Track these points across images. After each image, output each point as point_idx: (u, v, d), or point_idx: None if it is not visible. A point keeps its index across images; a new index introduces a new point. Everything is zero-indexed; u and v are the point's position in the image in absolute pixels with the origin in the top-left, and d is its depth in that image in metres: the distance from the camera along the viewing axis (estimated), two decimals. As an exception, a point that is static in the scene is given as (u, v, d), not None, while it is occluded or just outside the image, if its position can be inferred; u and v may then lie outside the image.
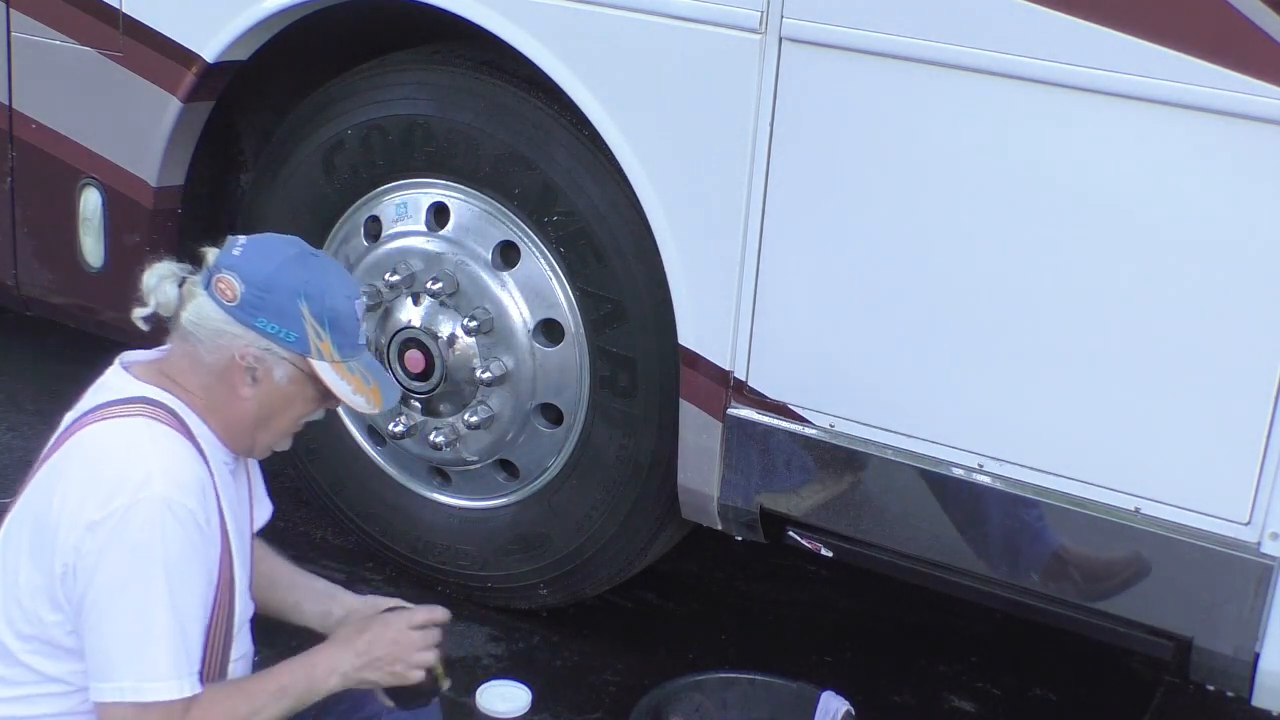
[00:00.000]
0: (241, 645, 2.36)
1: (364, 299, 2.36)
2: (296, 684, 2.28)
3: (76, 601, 2.15)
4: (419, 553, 3.57)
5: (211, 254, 2.29)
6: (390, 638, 2.36)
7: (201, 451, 2.24)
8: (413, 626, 2.39)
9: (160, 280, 2.28)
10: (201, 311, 2.24)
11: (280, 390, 2.28)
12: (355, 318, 2.31)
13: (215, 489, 2.24)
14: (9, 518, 2.27)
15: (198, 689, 2.17)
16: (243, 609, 2.34)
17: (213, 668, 2.26)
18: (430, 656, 2.39)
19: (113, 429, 2.21)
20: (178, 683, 2.14)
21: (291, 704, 2.28)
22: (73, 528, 2.13)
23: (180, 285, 2.27)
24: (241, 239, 2.29)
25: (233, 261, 2.24)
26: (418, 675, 2.37)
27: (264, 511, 2.56)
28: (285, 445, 2.40)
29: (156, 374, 2.29)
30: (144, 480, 2.13)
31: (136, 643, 2.13)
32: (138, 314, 2.31)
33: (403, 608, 2.47)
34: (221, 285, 2.23)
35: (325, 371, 2.27)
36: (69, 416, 2.29)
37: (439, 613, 2.45)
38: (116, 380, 2.30)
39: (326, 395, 2.31)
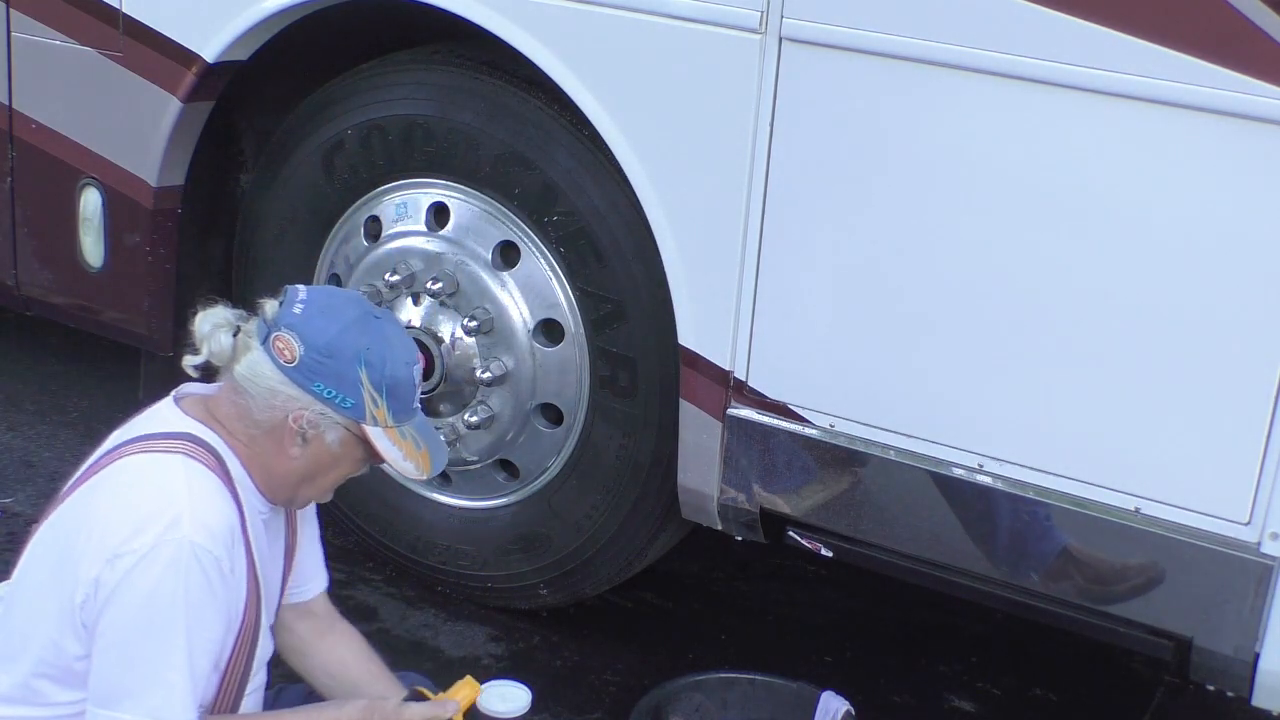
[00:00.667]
0: (256, 680, 2.36)
1: (421, 363, 2.33)
2: None
3: (91, 628, 2.14)
4: (419, 553, 3.57)
5: (270, 306, 2.25)
6: None
7: (237, 497, 2.22)
8: None
9: (214, 329, 2.23)
10: (257, 368, 2.20)
11: (330, 452, 2.25)
12: (413, 384, 2.28)
13: (246, 535, 2.22)
14: (37, 536, 2.26)
15: None
16: (263, 652, 2.34)
17: (225, 702, 2.27)
18: None
19: (150, 463, 2.19)
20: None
21: None
22: (96, 560, 2.12)
23: (234, 335, 2.23)
24: (302, 292, 2.24)
25: (293, 320, 2.20)
26: None
27: (315, 584, 2.55)
28: (327, 499, 2.38)
29: (205, 412, 2.26)
30: (174, 521, 2.11)
31: (147, 681, 2.12)
32: (189, 361, 2.28)
33: (422, 696, 2.44)
34: (280, 345, 2.19)
35: (378, 437, 2.25)
36: (114, 438, 2.27)
37: (450, 708, 2.42)
38: (167, 412, 2.27)
39: (374, 457, 2.29)
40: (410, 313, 3.35)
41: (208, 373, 2.31)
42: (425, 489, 3.53)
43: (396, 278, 3.32)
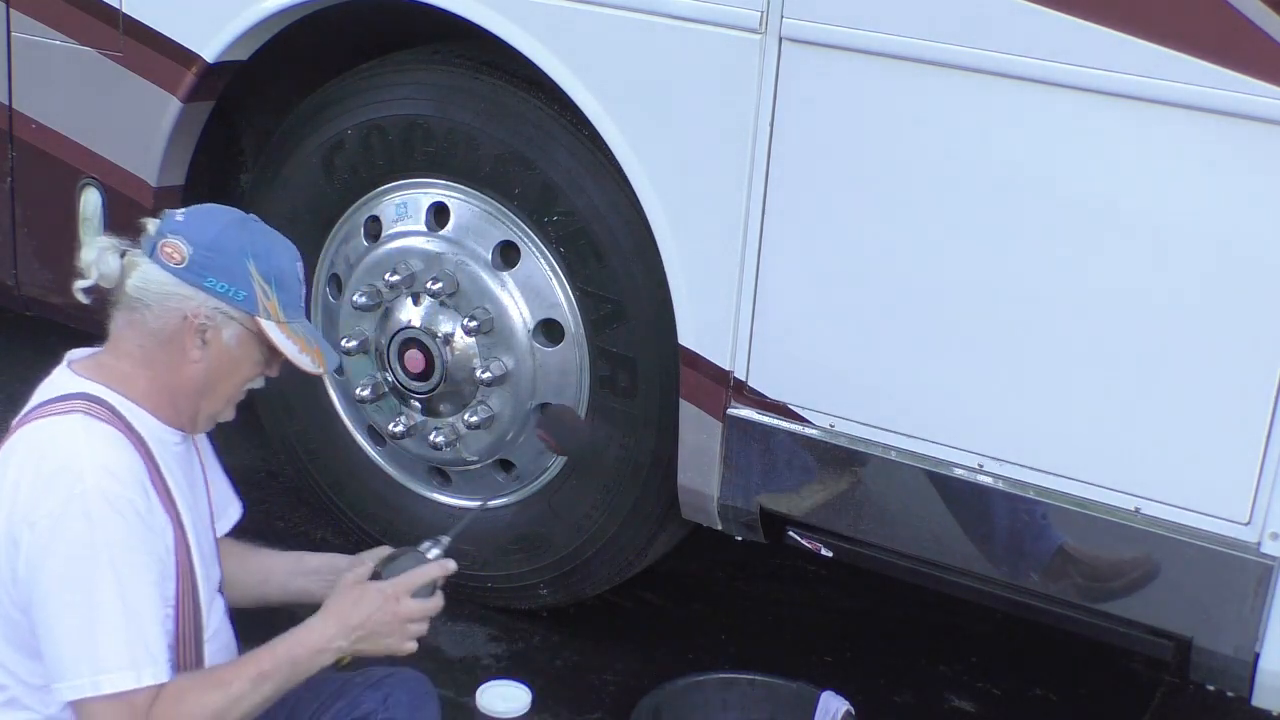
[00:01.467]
0: (214, 622, 2.36)
1: (302, 262, 2.41)
2: (279, 668, 2.26)
3: (25, 604, 2.15)
4: (419, 553, 3.57)
5: (152, 224, 2.30)
6: (391, 612, 2.35)
7: (143, 443, 2.24)
8: (412, 593, 2.38)
9: (101, 252, 2.29)
10: (149, 278, 2.26)
11: (228, 352, 2.29)
12: (299, 280, 2.35)
13: (161, 477, 2.24)
14: None
15: (162, 678, 2.15)
16: (208, 592, 2.33)
17: (188, 653, 2.26)
18: (425, 628, 2.38)
19: (47, 428, 2.22)
20: (135, 672, 2.12)
21: (275, 688, 2.25)
22: (18, 532, 2.13)
23: (121, 256, 2.29)
24: (180, 210, 2.32)
25: (177, 227, 2.27)
26: (411, 648, 2.37)
27: (232, 510, 2.58)
28: (229, 415, 2.40)
29: (96, 367, 2.31)
30: (79, 475, 2.14)
31: (86, 636, 2.11)
32: (79, 286, 2.32)
33: (395, 559, 2.45)
34: (168, 249, 2.25)
35: (272, 331, 2.29)
36: (16, 419, 2.29)
37: (436, 569, 2.44)
38: (61, 377, 2.31)
39: (272, 357, 2.34)
40: (410, 313, 3.35)
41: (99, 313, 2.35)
42: (425, 489, 3.53)
43: (396, 278, 3.32)
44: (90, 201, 3.65)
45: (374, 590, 2.37)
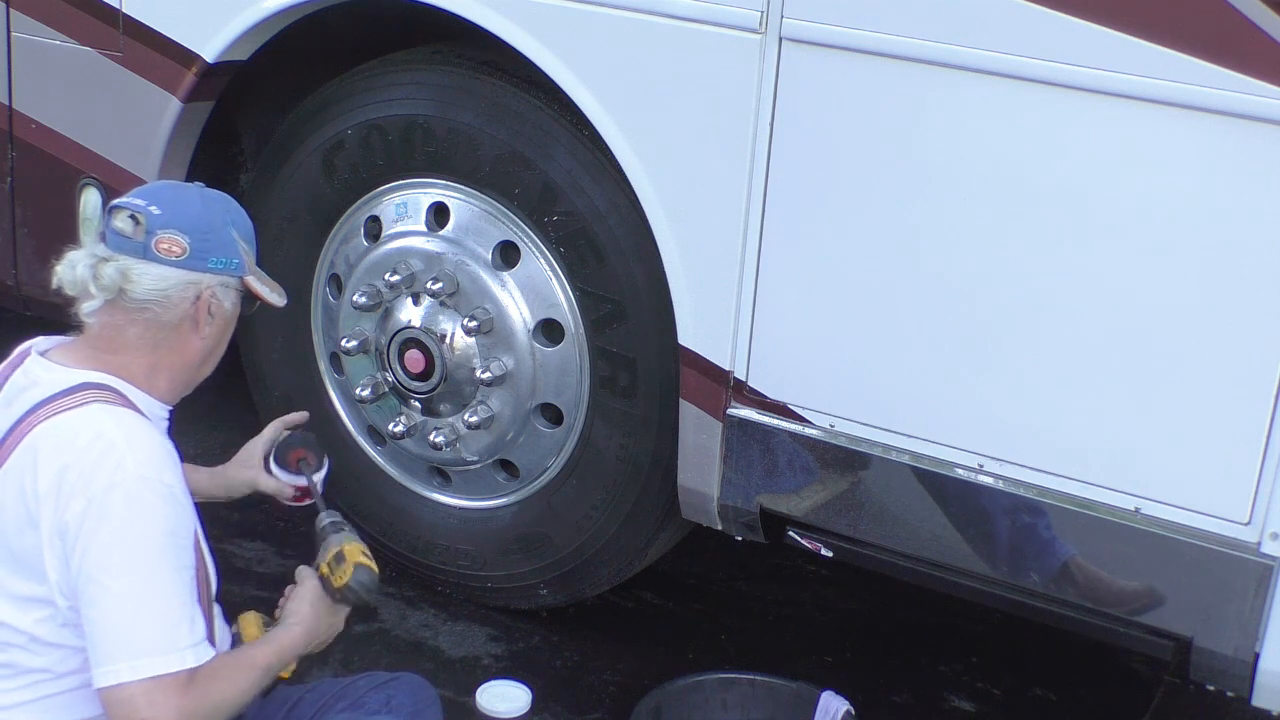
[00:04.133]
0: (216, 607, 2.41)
1: None
2: (272, 666, 2.34)
3: (73, 596, 2.16)
4: (419, 553, 3.57)
5: (119, 228, 2.29)
6: (339, 624, 2.48)
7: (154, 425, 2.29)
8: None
9: (90, 268, 2.29)
10: (156, 277, 2.29)
11: (228, 318, 2.40)
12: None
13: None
14: None
15: (205, 656, 2.20)
16: (212, 566, 2.38)
17: (208, 629, 2.30)
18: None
19: (71, 422, 2.22)
20: (188, 653, 2.16)
21: (267, 681, 2.35)
22: (57, 533, 2.15)
23: (107, 263, 2.29)
24: (135, 201, 2.33)
25: (161, 221, 2.30)
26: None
27: None
28: (211, 371, 2.48)
29: (87, 356, 2.32)
30: (117, 464, 2.16)
31: (141, 622, 2.15)
32: (87, 308, 2.32)
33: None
34: (165, 245, 2.29)
35: (255, 283, 2.42)
36: (7, 422, 2.27)
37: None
38: (44, 372, 2.31)
39: (249, 304, 2.44)
40: (410, 313, 3.35)
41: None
42: (425, 489, 3.53)
43: (397, 278, 3.32)
44: (90, 201, 3.65)
45: (341, 614, 2.48)
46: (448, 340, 3.30)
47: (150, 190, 2.42)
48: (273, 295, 2.47)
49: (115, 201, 2.36)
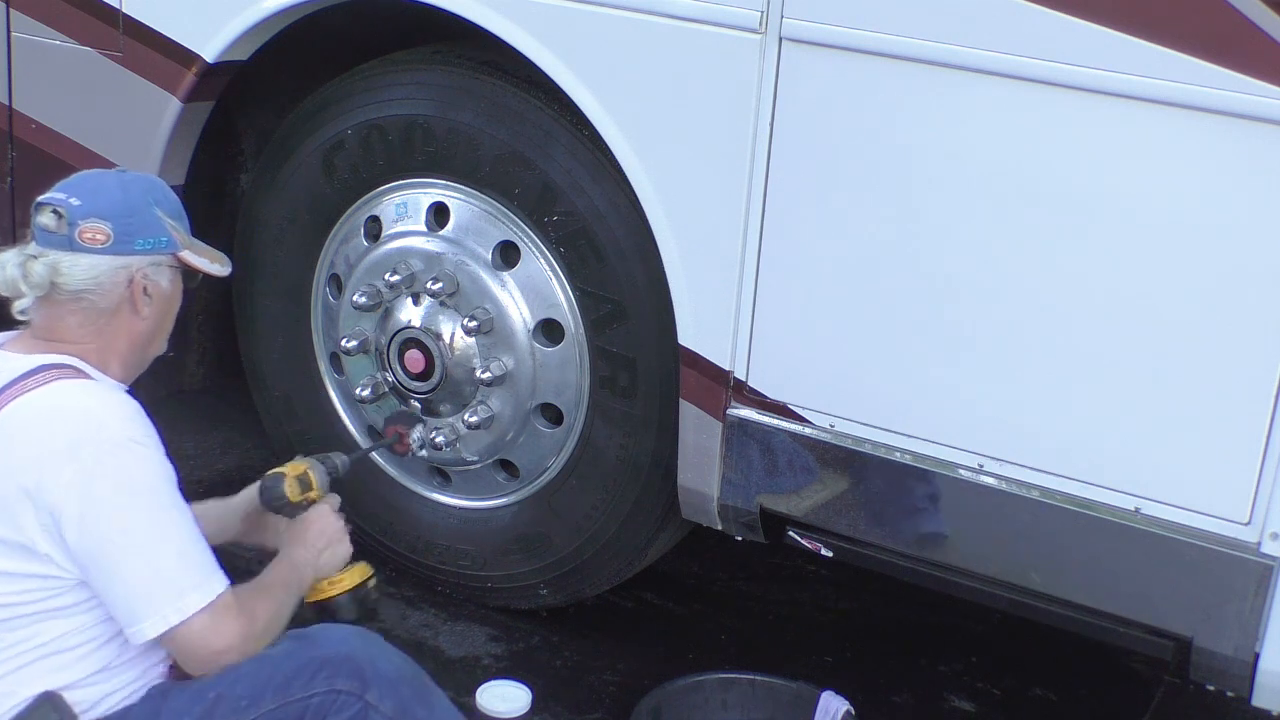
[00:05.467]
0: None
1: None
2: (290, 582, 2.45)
3: (85, 566, 2.21)
4: (419, 553, 3.57)
5: (43, 223, 2.35)
6: (330, 523, 2.62)
7: None
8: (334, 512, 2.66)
9: (19, 266, 2.34)
10: (86, 269, 2.33)
11: (166, 295, 2.44)
12: (180, 200, 2.50)
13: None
14: None
15: (225, 584, 2.30)
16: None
17: None
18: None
19: (39, 399, 2.27)
20: (219, 577, 2.28)
21: (292, 601, 2.44)
22: (56, 501, 2.19)
23: (36, 259, 2.34)
24: (56, 195, 2.38)
25: (81, 211, 2.34)
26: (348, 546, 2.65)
27: None
28: (163, 349, 2.53)
29: (36, 344, 2.36)
30: (101, 424, 2.23)
31: (168, 565, 2.24)
32: (20, 306, 2.37)
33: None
34: (88, 235, 2.34)
35: (191, 257, 2.46)
36: None
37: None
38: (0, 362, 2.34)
39: (191, 278, 2.48)
40: (410, 313, 3.35)
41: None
42: (425, 489, 3.53)
43: (397, 278, 3.32)
44: (90, 201, 3.65)
45: (313, 512, 2.63)
46: (448, 340, 3.31)
47: (71, 183, 2.45)
48: (212, 266, 2.50)
49: (38, 199, 2.41)
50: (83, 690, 2.29)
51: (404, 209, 3.35)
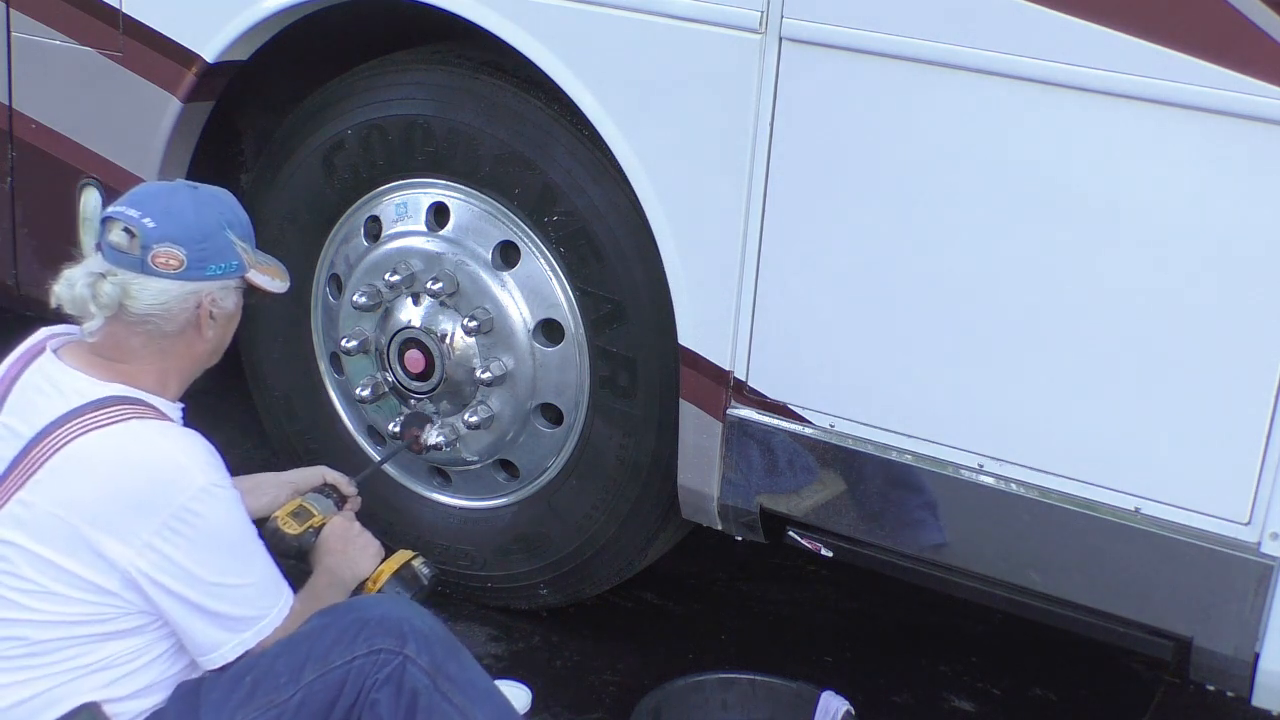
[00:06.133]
0: None
1: None
2: (333, 584, 2.59)
3: (159, 605, 2.26)
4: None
5: (116, 240, 2.31)
6: (348, 530, 2.71)
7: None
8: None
9: (89, 286, 2.31)
10: (157, 293, 2.31)
11: (230, 315, 2.44)
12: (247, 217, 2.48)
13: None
14: None
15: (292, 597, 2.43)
16: None
17: None
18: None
19: (114, 438, 2.25)
20: (287, 591, 2.43)
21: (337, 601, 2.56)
22: (130, 549, 2.21)
23: (105, 278, 2.32)
24: (129, 211, 2.34)
25: (156, 234, 2.31)
26: (375, 549, 2.75)
27: None
28: (216, 360, 2.53)
29: (99, 365, 2.34)
30: (180, 477, 2.23)
31: (249, 597, 2.34)
32: (90, 327, 2.35)
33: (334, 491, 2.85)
34: (162, 259, 2.30)
35: (256, 276, 2.44)
36: (29, 426, 2.30)
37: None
38: (63, 378, 2.33)
39: (251, 294, 2.48)
40: (410, 313, 3.35)
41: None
42: (425, 489, 3.53)
43: (396, 278, 3.32)
44: (90, 201, 3.65)
45: (327, 529, 2.70)
46: (448, 340, 3.31)
47: (143, 197, 2.40)
48: (274, 283, 2.50)
49: (108, 211, 2.37)
50: (125, 703, 2.30)
51: (404, 209, 3.35)
